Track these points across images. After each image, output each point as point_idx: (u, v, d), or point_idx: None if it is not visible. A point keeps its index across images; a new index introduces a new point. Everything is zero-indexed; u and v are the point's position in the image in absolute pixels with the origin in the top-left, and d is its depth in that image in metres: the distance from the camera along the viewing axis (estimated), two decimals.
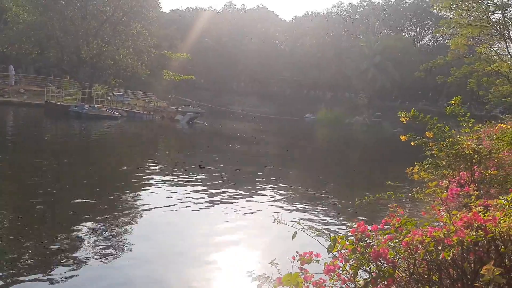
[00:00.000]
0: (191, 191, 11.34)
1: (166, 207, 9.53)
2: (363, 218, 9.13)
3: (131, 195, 10.55)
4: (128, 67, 38.73)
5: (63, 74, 42.86)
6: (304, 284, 2.57)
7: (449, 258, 2.50)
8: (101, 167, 14.43)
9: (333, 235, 2.95)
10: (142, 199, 10.25)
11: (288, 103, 71.09)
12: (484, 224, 2.53)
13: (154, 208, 9.35)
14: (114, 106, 36.36)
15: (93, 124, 28.80)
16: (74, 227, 7.64)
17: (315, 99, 73.51)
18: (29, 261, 6.01)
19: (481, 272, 2.26)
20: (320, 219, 9.60)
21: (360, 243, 2.77)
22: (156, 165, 15.23)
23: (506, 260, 2.59)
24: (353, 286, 2.75)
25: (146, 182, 11.99)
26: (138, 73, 40.11)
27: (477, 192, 3.34)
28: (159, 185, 11.59)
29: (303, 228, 3.22)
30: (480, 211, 2.65)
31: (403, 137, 5.80)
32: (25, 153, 15.41)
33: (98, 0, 37.13)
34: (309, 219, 9.42)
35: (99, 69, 37.92)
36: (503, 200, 2.93)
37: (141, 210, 9.21)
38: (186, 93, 58.17)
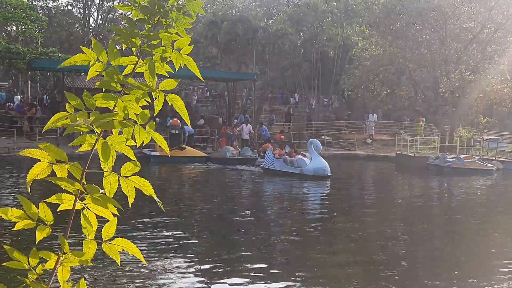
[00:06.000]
0: None
1: None
2: None
3: None
4: (504, 100, 29.15)
5: (415, 117, 36.67)
6: None
7: None
8: (467, 243, 11.72)
9: None
10: None
11: None
12: None
13: None
14: (485, 155, 27.78)
15: (458, 181, 22.46)
16: None
17: None
18: None
19: None
20: None
21: None
22: None
23: None
24: None
25: None
26: None
27: None
28: None
29: None
30: None
31: None
32: (374, 217, 14.40)
33: (461, 17, 28.58)
34: None
35: (463, 107, 29.67)
36: None
37: None
38: None
